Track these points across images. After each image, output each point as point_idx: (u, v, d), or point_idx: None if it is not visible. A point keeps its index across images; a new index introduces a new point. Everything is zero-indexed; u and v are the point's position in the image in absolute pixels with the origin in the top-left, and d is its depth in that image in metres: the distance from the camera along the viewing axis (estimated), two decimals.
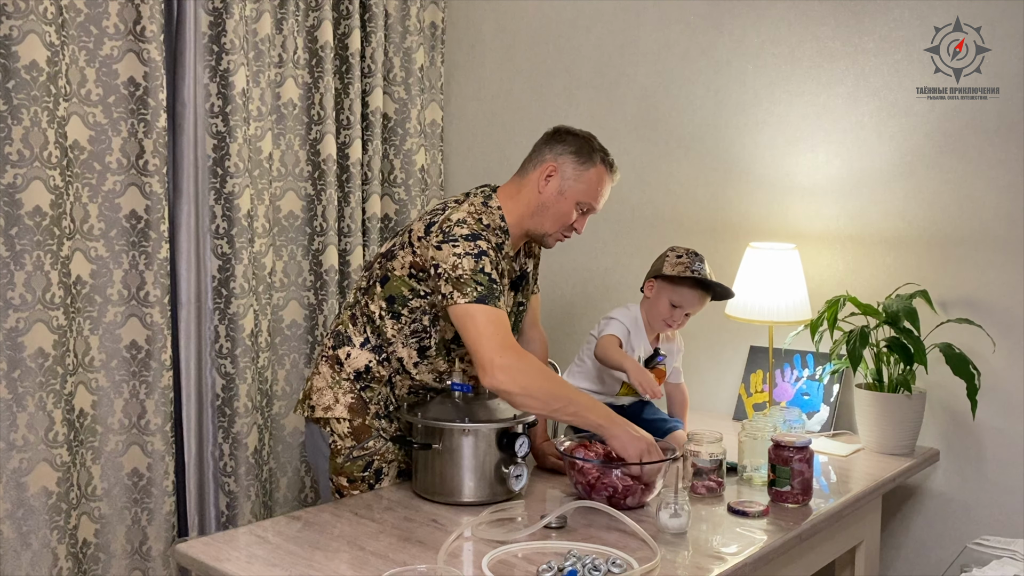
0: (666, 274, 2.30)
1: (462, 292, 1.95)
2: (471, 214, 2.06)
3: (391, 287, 2.10)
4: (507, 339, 1.95)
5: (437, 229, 2.03)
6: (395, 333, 2.10)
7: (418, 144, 3.35)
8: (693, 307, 2.33)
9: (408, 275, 2.07)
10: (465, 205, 2.09)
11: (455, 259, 1.97)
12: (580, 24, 3.15)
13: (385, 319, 2.11)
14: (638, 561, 1.67)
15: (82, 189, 2.50)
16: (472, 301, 1.94)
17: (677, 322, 2.35)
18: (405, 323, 2.09)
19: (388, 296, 2.10)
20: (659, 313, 2.34)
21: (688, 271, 2.29)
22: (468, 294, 1.94)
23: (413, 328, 2.10)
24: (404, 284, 2.08)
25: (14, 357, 2.33)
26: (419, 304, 2.08)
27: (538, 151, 2.19)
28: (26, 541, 2.36)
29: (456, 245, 1.98)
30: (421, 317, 2.09)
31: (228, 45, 2.72)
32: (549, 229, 2.16)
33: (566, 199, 2.14)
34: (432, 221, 2.07)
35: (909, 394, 2.39)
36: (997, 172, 2.42)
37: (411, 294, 2.08)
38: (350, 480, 2.13)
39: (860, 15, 2.59)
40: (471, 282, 1.95)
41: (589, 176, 2.14)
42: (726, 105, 2.86)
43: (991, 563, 1.84)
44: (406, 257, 2.07)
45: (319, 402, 2.16)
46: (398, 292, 2.09)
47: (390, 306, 2.10)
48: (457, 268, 1.96)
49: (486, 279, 1.96)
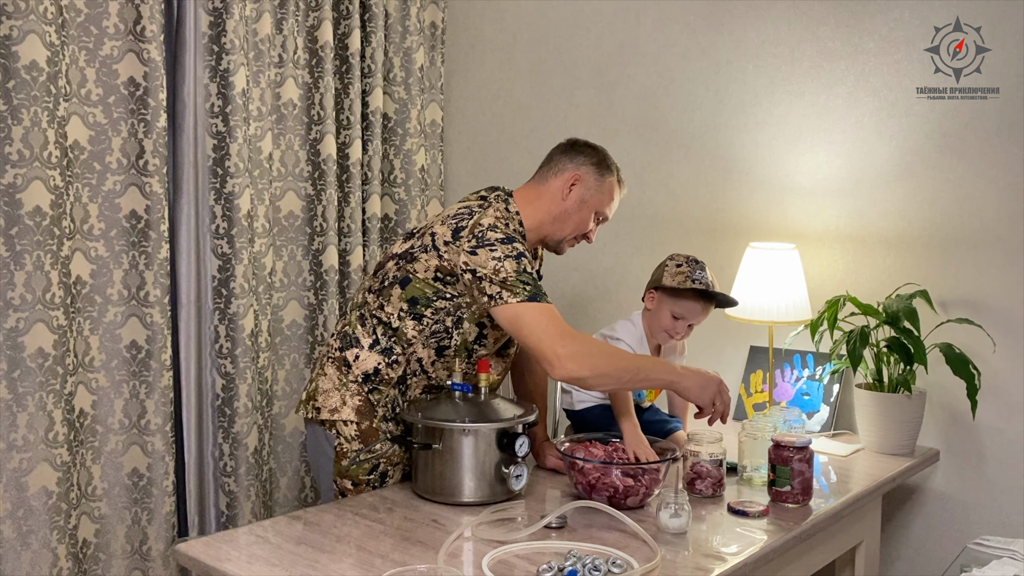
0: (666, 285, 2.28)
1: (512, 292, 1.97)
2: (499, 219, 2.09)
3: (413, 289, 2.10)
4: (564, 328, 1.98)
5: (468, 234, 2.04)
6: (416, 334, 2.11)
7: (418, 144, 3.35)
8: (696, 318, 2.31)
9: (433, 278, 2.08)
10: (491, 210, 2.12)
11: (495, 263, 1.99)
12: (580, 24, 3.15)
13: (406, 320, 2.11)
14: (638, 561, 1.67)
15: (82, 189, 2.50)
16: (524, 300, 1.97)
17: (680, 333, 2.33)
18: (427, 324, 2.10)
19: (410, 298, 2.10)
20: (661, 325, 2.32)
21: (689, 281, 2.26)
22: (518, 294, 1.97)
23: (434, 329, 2.11)
24: (428, 286, 2.09)
25: (14, 357, 2.33)
26: (444, 305, 2.09)
27: (557, 161, 2.24)
28: (26, 541, 2.36)
29: (494, 249, 2.01)
30: (444, 318, 2.10)
31: (228, 45, 2.72)
32: (568, 235, 2.23)
33: (587, 207, 2.21)
34: (459, 226, 2.07)
35: (909, 394, 2.39)
36: (997, 172, 2.43)
37: (435, 296, 2.09)
38: (355, 483, 2.13)
39: (860, 15, 2.60)
40: (518, 283, 1.98)
41: (607, 187, 2.23)
42: (726, 105, 2.86)
43: (991, 563, 1.84)
44: (430, 261, 2.08)
45: (325, 404, 2.16)
46: (421, 294, 2.09)
47: (412, 307, 2.10)
48: (500, 271, 1.99)
49: (530, 278, 2.00)
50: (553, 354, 1.94)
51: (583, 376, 1.96)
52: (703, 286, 2.26)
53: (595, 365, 1.96)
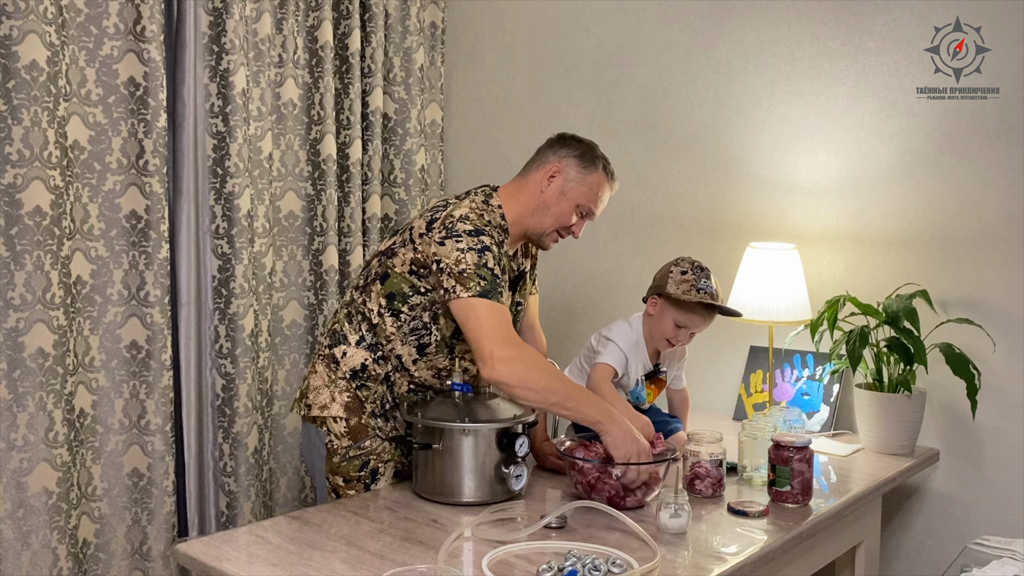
0: (671, 294, 2.23)
1: (465, 286, 1.96)
2: (473, 210, 2.08)
3: (391, 284, 2.10)
4: (508, 332, 1.96)
5: (440, 225, 2.04)
6: (394, 331, 2.11)
7: (418, 144, 3.35)
8: (699, 327, 2.27)
9: (409, 271, 2.07)
10: (467, 202, 2.11)
11: (458, 254, 1.98)
12: (580, 24, 3.15)
13: (384, 316, 2.11)
14: (638, 561, 1.67)
15: (82, 189, 2.50)
16: (475, 295, 1.95)
17: (681, 341, 2.29)
18: (405, 320, 2.10)
19: (388, 293, 2.10)
20: (663, 332, 2.28)
21: (694, 290, 2.21)
22: (471, 288, 1.95)
23: (412, 326, 2.10)
24: (404, 281, 2.08)
25: (14, 357, 2.33)
26: (419, 301, 2.08)
27: (541, 154, 2.23)
28: (26, 541, 2.36)
29: (460, 240, 1.99)
30: (421, 314, 2.09)
31: (228, 45, 2.72)
32: (547, 228, 2.19)
33: (567, 199, 2.17)
34: (434, 218, 2.07)
35: (909, 394, 2.39)
36: (997, 172, 2.43)
37: (411, 291, 2.08)
38: (346, 480, 2.13)
39: (860, 15, 2.60)
40: (474, 276, 1.96)
41: (591, 180, 2.18)
42: (726, 105, 2.86)
43: (991, 563, 1.84)
44: (407, 254, 2.08)
45: (315, 401, 2.16)
46: (398, 289, 2.09)
47: (390, 303, 2.10)
48: (460, 263, 1.97)
49: (489, 274, 1.98)
50: (489, 353, 1.92)
51: (509, 383, 1.93)
52: (709, 296, 2.21)
53: (525, 377, 1.93)
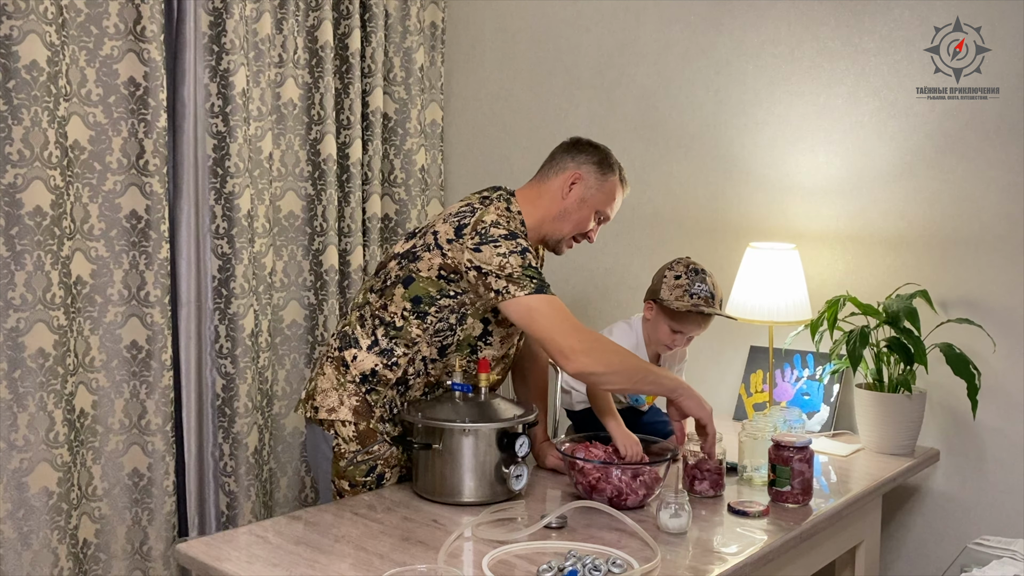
0: (664, 301, 2.25)
1: (519, 286, 1.98)
2: (500, 215, 2.09)
3: (416, 288, 2.10)
4: (575, 322, 1.99)
5: (471, 231, 2.04)
6: (420, 333, 2.12)
7: (418, 144, 3.35)
8: (695, 332, 2.29)
9: (437, 276, 2.08)
10: (493, 207, 2.12)
11: (500, 259, 2.00)
12: (580, 24, 3.15)
13: (410, 319, 2.11)
14: (638, 561, 1.67)
15: (82, 189, 2.50)
16: (531, 293, 1.97)
17: (679, 344, 2.31)
18: (431, 323, 2.11)
19: (413, 297, 2.11)
20: (659, 338, 2.30)
21: (687, 296, 2.22)
22: (525, 287, 1.97)
23: (438, 328, 2.11)
24: (432, 284, 2.09)
25: (14, 357, 2.33)
26: (448, 303, 2.10)
27: (559, 159, 2.24)
28: (27, 541, 2.36)
29: (498, 245, 2.01)
30: (448, 316, 2.11)
31: (228, 45, 2.72)
32: (566, 234, 2.22)
33: (587, 206, 2.20)
34: (462, 223, 2.07)
35: (909, 394, 2.39)
36: (997, 172, 2.43)
37: (439, 294, 2.09)
38: (352, 484, 2.13)
39: (860, 15, 2.60)
40: (524, 277, 1.98)
41: (609, 186, 2.21)
42: (726, 105, 2.86)
43: (991, 563, 1.84)
44: (434, 259, 2.08)
45: (323, 403, 2.16)
46: (424, 292, 2.10)
47: (415, 306, 2.11)
48: (506, 267, 1.99)
49: (535, 272, 2.01)
50: (569, 348, 1.94)
51: (597, 371, 1.96)
52: (703, 302, 2.22)
53: (609, 362, 1.96)
